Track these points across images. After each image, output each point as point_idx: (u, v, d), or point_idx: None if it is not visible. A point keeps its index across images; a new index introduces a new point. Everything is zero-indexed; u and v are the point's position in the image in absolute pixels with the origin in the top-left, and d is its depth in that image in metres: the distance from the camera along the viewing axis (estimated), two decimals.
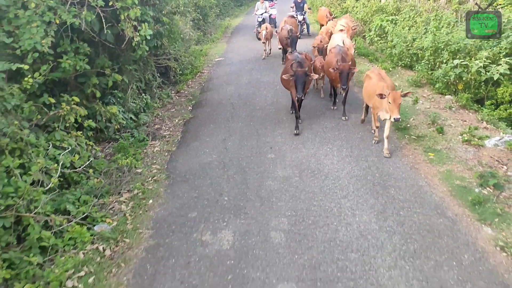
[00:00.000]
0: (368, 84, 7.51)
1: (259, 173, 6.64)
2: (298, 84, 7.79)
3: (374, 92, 6.90)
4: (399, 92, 6.44)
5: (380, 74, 7.41)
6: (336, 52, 8.71)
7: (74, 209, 5.47)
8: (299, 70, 7.76)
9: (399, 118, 6.43)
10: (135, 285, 4.44)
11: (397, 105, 6.40)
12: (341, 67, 7.99)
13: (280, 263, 4.63)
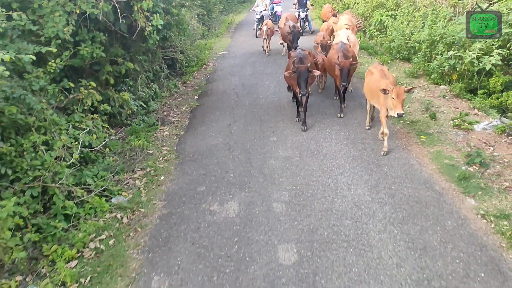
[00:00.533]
0: (370, 80, 7.30)
1: (262, 153, 7.14)
2: (301, 81, 7.64)
3: (376, 88, 6.76)
4: (403, 88, 6.36)
5: (382, 70, 7.22)
6: (337, 48, 8.61)
7: (93, 182, 6.00)
8: (301, 67, 7.61)
9: (402, 113, 6.41)
10: (151, 246, 4.96)
11: (401, 100, 6.32)
12: (342, 64, 7.91)
13: (281, 228, 5.14)
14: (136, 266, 4.65)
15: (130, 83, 8.75)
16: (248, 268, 4.50)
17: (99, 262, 4.75)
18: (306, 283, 4.26)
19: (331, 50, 9.07)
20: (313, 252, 4.68)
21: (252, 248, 4.82)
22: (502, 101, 9.20)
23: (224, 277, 4.40)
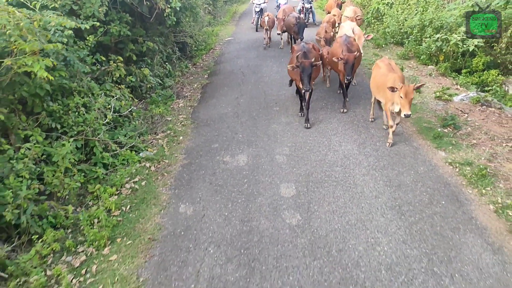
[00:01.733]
0: (377, 74, 7.09)
1: (266, 119, 8.22)
2: (304, 76, 7.41)
3: (383, 83, 6.63)
4: (412, 86, 6.12)
5: (390, 64, 7.04)
6: (341, 42, 8.42)
7: (124, 139, 7.09)
8: (304, 62, 7.40)
9: (410, 114, 6.18)
10: (176, 185, 6.07)
11: (409, 100, 6.11)
12: (346, 57, 7.70)
13: (283, 173, 6.23)
14: (166, 198, 5.77)
15: (148, 61, 9.81)
16: (256, 199, 5.60)
17: (135, 196, 5.87)
18: (302, 208, 5.36)
19: (335, 44, 8.85)
20: (308, 189, 5.78)
21: (259, 186, 5.92)
22: (483, 79, 10.24)
23: (236, 205, 5.51)
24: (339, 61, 7.81)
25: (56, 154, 5.66)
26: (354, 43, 8.51)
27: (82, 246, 4.93)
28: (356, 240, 4.74)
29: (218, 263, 4.48)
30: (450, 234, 4.77)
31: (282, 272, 4.30)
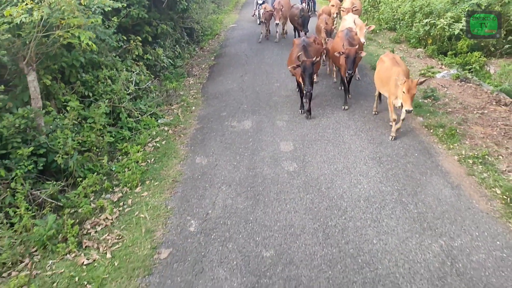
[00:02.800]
0: (381, 69, 7.10)
1: (268, 93, 9.27)
2: (306, 76, 7.27)
3: (387, 77, 6.69)
4: (415, 81, 6.13)
5: (394, 59, 7.03)
6: (342, 36, 8.39)
7: (144, 108, 8.15)
8: (306, 61, 7.24)
9: (411, 110, 6.17)
10: (192, 143, 7.15)
11: (411, 95, 6.11)
12: (347, 51, 7.63)
13: (282, 134, 7.30)
14: (184, 153, 6.85)
15: (161, 43, 10.83)
16: (259, 153, 6.68)
17: (158, 152, 6.95)
18: (298, 159, 6.43)
19: (336, 38, 8.85)
20: (303, 145, 6.84)
21: (262, 143, 6.99)
22: (467, 60, 11.21)
23: (243, 157, 6.59)
24: (341, 55, 7.74)
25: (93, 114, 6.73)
26: (356, 37, 8.52)
27: (117, 187, 6.02)
28: (341, 181, 5.82)
29: (230, 197, 5.57)
30: (419, 176, 5.84)
31: (281, 202, 5.39)
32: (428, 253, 4.43)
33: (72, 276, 4.38)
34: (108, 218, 5.30)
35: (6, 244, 4.70)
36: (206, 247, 4.68)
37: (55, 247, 4.80)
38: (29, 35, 5.53)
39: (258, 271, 4.28)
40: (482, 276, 4.10)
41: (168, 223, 5.11)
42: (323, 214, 5.14)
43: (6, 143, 5.50)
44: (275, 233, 4.84)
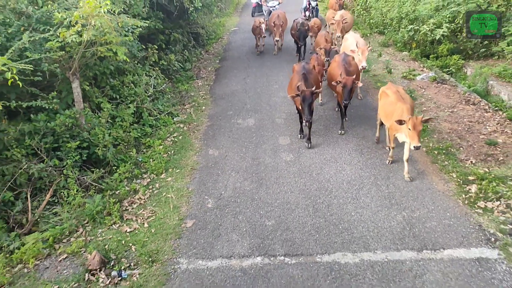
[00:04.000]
0: (385, 103, 7.00)
1: (268, 94, 10.57)
2: (305, 106, 7.25)
3: (392, 112, 6.59)
4: (420, 118, 6.04)
5: (398, 92, 6.91)
6: (339, 62, 8.27)
7: (162, 108, 9.46)
8: (305, 91, 7.21)
9: (419, 146, 6.05)
10: (205, 138, 8.47)
11: (418, 132, 6.03)
12: (344, 81, 7.56)
13: (281, 130, 8.62)
14: (198, 146, 8.17)
15: (172, 49, 12.12)
16: (261, 146, 8.00)
17: (176, 145, 8.26)
18: (294, 151, 7.75)
19: (333, 63, 8.67)
20: (298, 140, 8.15)
21: (263, 138, 8.31)
22: (447, 63, 12.52)
23: (248, 149, 7.90)
24: (338, 84, 7.72)
25: (122, 114, 8.04)
26: (353, 63, 8.45)
27: (145, 174, 7.33)
28: (329, 168, 7.15)
29: (238, 181, 6.90)
30: (392, 164, 7.16)
31: (279, 185, 6.72)
32: (393, 221, 5.76)
33: (119, 240, 5.70)
34: (141, 197, 6.63)
35: (65, 217, 6.02)
36: (221, 218, 6.01)
37: (102, 219, 6.12)
38: (75, 50, 6.81)
39: (262, 235, 5.61)
40: (432, 238, 5.43)
41: (190, 201, 6.44)
42: (313, 194, 6.46)
43: (58, 138, 6.81)
44: (275, 208, 6.17)
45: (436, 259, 5.06)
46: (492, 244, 5.26)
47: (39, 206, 6.27)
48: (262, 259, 5.21)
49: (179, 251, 5.42)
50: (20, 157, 6.31)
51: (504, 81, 10.76)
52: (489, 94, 10.58)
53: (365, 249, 5.27)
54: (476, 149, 7.55)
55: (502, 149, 7.50)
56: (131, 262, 5.32)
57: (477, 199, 6.11)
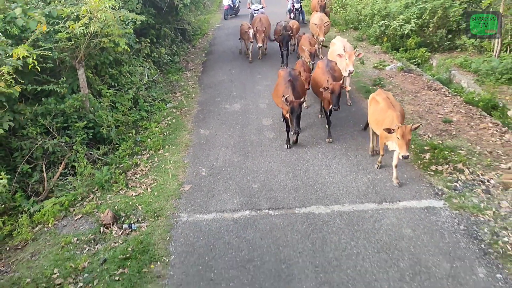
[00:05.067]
0: (376, 110, 6.99)
1: (252, 83, 11.59)
2: (294, 117, 7.17)
3: (383, 120, 6.58)
4: (409, 127, 6.05)
5: (388, 99, 6.87)
6: (323, 68, 8.25)
7: (156, 95, 10.39)
8: (294, 102, 7.13)
9: (407, 156, 6.06)
10: (196, 120, 9.43)
11: (406, 141, 6.05)
12: (332, 87, 7.50)
13: (264, 113, 9.65)
14: (191, 127, 9.14)
15: (162, 43, 13.03)
16: (247, 126, 9.02)
17: (170, 127, 9.21)
18: (276, 130, 8.79)
19: (317, 69, 8.65)
20: (280, 120, 9.18)
21: (249, 120, 9.33)
22: (414, 55, 13.76)
23: (235, 129, 8.91)
24: (325, 91, 7.66)
25: (120, 100, 8.95)
26: (336, 68, 8.57)
27: (145, 151, 8.26)
28: (306, 142, 8.20)
29: (228, 154, 7.90)
30: (361, 139, 8.25)
31: (263, 157, 7.75)
32: (360, 182, 6.85)
33: (127, 202, 6.65)
34: (143, 169, 7.57)
35: (77, 185, 6.93)
36: (214, 183, 7.01)
37: (110, 187, 7.04)
38: (81, 41, 7.70)
39: (249, 195, 6.63)
40: (391, 193, 6.52)
41: (187, 171, 7.42)
42: (292, 163, 7.51)
43: (67, 118, 7.70)
44: (260, 174, 7.20)
45: (393, 208, 6.16)
46: (439, 196, 6.39)
47: (53, 177, 7.16)
48: (250, 212, 6.23)
49: (180, 208, 6.40)
50: (35, 134, 7.19)
51: (465, 70, 12.05)
52: (451, 82, 11.85)
53: (335, 203, 6.34)
54: (434, 126, 8.72)
55: (456, 126, 8.69)
56: (138, 217, 6.27)
57: (430, 164, 7.24)
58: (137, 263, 5.32)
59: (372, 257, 5.23)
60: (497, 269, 4.99)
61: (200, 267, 5.23)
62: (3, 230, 6.30)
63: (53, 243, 6.00)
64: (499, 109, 9.61)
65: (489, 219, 5.85)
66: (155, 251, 5.51)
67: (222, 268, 5.19)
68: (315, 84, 8.43)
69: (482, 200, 6.27)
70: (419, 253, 5.28)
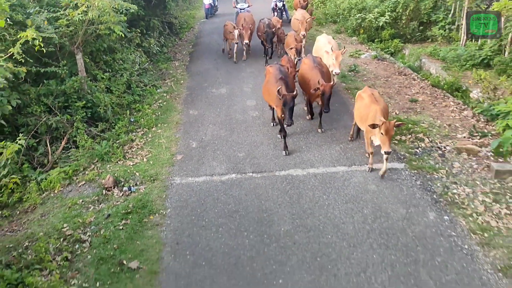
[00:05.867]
0: (361, 106, 7.06)
1: (237, 71, 12.44)
2: (287, 110, 7.17)
3: (367, 114, 6.66)
4: (392, 123, 6.12)
5: (373, 95, 6.91)
6: (311, 65, 8.13)
7: (147, 81, 11.14)
8: (287, 95, 7.13)
9: (390, 152, 6.21)
10: (185, 103, 10.23)
11: (389, 137, 6.15)
12: (323, 88, 7.47)
13: (248, 95, 10.49)
14: (181, 108, 9.93)
15: (151, 34, 13.77)
16: (233, 107, 9.85)
17: (162, 108, 9.99)
18: (258, 110, 9.65)
19: (303, 66, 8.58)
20: (263, 102, 9.98)
21: (234, 102, 10.17)
22: (388, 46, 14.74)
23: (222, 109, 9.73)
24: (316, 92, 7.65)
25: (114, 84, 9.69)
26: (323, 64, 8.56)
27: (139, 129, 9.02)
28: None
29: (215, 130, 8.73)
30: (336, 116, 9.15)
31: (247, 131, 8.60)
32: (333, 150, 7.73)
33: (125, 170, 7.41)
34: (138, 143, 8.35)
35: (79, 156, 7.67)
36: (203, 153, 7.83)
37: (109, 158, 7.79)
38: (79, 27, 8.43)
39: (235, 162, 7.47)
40: (360, 159, 7.42)
41: (178, 144, 8.22)
42: (274, 136, 8.37)
43: (68, 98, 8.42)
44: (244, 145, 8.04)
45: (361, 170, 7.07)
46: (401, 160, 7.32)
47: (57, 150, 7.88)
48: (236, 175, 7.07)
49: (173, 173, 7.20)
50: (39, 112, 7.91)
51: (434, 58, 13.07)
52: (421, 69, 12.86)
53: (311, 167, 7.22)
54: (401, 105, 9.68)
55: (421, 104, 9.67)
56: (137, 181, 7.06)
57: (395, 135, 8.16)
58: (138, 216, 6.11)
59: (340, 207, 6.12)
60: (445, 213, 5.92)
61: (193, 217, 6.05)
62: (13, 197, 7.01)
63: (60, 205, 6.73)
64: (461, 90, 10.62)
65: (442, 176, 6.80)
66: (153, 206, 6.31)
67: (212, 218, 6.02)
68: (302, 80, 8.48)
69: (438, 162, 7.22)
70: (380, 203, 6.18)
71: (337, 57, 9.06)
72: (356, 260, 5.11)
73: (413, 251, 5.22)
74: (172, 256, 5.33)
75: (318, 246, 5.37)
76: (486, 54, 11.34)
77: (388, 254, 5.18)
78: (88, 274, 5.12)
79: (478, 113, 8.85)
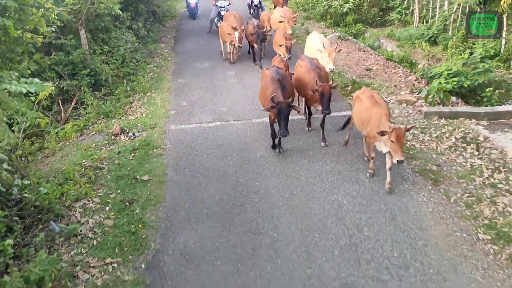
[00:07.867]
0: (360, 108, 6.51)
1: (218, 50, 14.02)
2: (281, 119, 6.59)
3: (368, 118, 6.14)
4: (403, 129, 5.51)
5: (373, 97, 6.41)
6: (307, 66, 7.71)
7: (139, 57, 12.65)
8: (281, 102, 6.56)
9: (403, 160, 5.57)
10: (174, 73, 11.79)
11: (401, 144, 5.53)
12: (322, 89, 6.93)
13: (229, 68, 12.11)
14: (170, 78, 11.50)
15: (138, 19, 15.23)
16: (215, 76, 11.46)
17: (154, 79, 11.53)
18: (238, 78, 11.28)
19: (299, 68, 8.03)
20: (241, 72, 11.66)
21: (216, 72, 11.79)
22: (352, 30, 16.58)
23: (206, 79, 11.34)
24: (314, 93, 7.09)
25: (111, 59, 11.19)
26: (320, 66, 8.10)
27: (135, 93, 10.55)
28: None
29: (201, 93, 10.36)
30: None
31: (229, 93, 10.23)
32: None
33: (128, 122, 8.96)
34: (137, 104, 9.90)
35: (88, 112, 9.18)
36: (193, 109, 9.44)
37: (113, 115, 9.32)
38: (83, 6, 9.90)
39: (219, 113, 9.12)
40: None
41: (171, 103, 9.81)
42: (251, 96, 10.02)
43: (75, 67, 9.89)
44: (227, 103, 9.69)
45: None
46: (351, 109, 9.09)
47: (68, 109, 9.36)
48: (220, 122, 8.73)
49: (169, 123, 8.81)
50: (52, 77, 9.35)
51: (391, 39, 15.03)
52: (380, 48, 14.76)
53: None
54: (358, 73, 11.50)
55: (374, 72, 11.50)
56: (139, 129, 8.62)
57: (350, 93, 9.96)
58: (143, 150, 7.69)
59: (304, 138, 7.84)
60: None
61: (188, 149, 7.68)
62: (34, 147, 8.47)
63: (76, 149, 8.24)
64: (410, 62, 12.52)
65: None
66: (155, 144, 7.90)
67: (203, 149, 7.66)
68: (298, 83, 7.86)
69: None
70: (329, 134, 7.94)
71: (330, 54, 8.97)
72: (313, 170, 6.83)
73: (356, 164, 6.98)
74: (174, 172, 6.96)
75: (285, 163, 7.07)
76: (433, 33, 13.36)
77: (337, 166, 6.93)
78: (110, 185, 6.68)
79: (419, 76, 10.74)
